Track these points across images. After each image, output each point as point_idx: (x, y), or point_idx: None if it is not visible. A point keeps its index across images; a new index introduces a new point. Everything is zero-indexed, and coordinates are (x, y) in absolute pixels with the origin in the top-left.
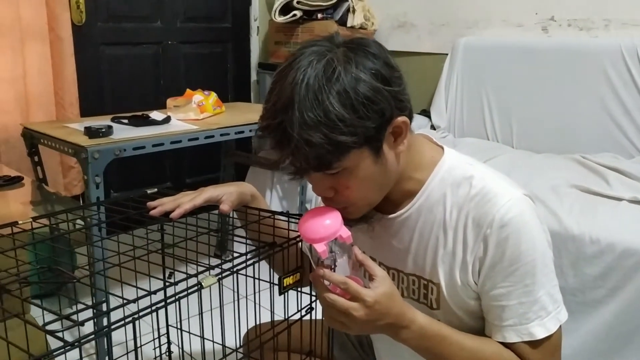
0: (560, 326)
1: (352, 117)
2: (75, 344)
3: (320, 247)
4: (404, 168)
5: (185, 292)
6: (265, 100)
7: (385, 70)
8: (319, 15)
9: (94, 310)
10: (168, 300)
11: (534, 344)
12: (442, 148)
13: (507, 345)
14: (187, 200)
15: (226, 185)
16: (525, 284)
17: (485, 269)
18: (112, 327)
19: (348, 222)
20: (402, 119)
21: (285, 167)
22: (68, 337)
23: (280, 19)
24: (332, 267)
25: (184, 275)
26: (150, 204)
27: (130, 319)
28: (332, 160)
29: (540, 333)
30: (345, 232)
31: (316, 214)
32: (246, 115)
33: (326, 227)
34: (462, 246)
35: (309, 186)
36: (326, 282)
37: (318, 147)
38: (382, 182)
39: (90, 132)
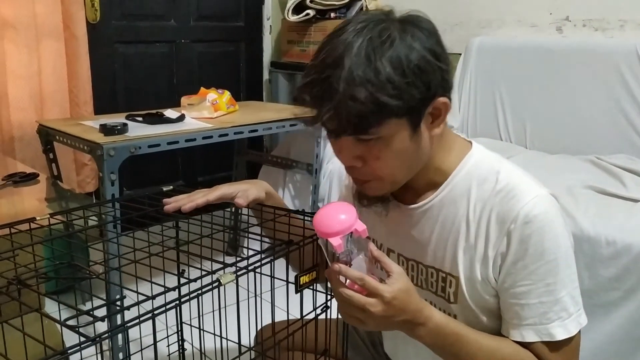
0: (579, 331)
1: (401, 81)
2: (97, 339)
3: (336, 241)
4: (433, 156)
5: (203, 290)
6: (313, 57)
7: (437, 48)
8: (332, 15)
9: (109, 307)
10: (187, 297)
11: (553, 345)
12: (471, 143)
13: (524, 345)
14: (200, 195)
15: (241, 182)
16: (547, 282)
17: (507, 265)
18: (132, 323)
19: (366, 199)
20: (443, 99)
21: (320, 123)
22: (88, 333)
23: (293, 18)
24: (348, 262)
25: (199, 272)
26: (166, 200)
27: (149, 315)
28: (371, 123)
29: (560, 334)
30: (360, 226)
31: (331, 209)
32: (259, 114)
33: (341, 221)
34: (484, 240)
35: (321, 185)
36: (342, 279)
37: (361, 105)
38: (412, 161)
39: (106, 130)
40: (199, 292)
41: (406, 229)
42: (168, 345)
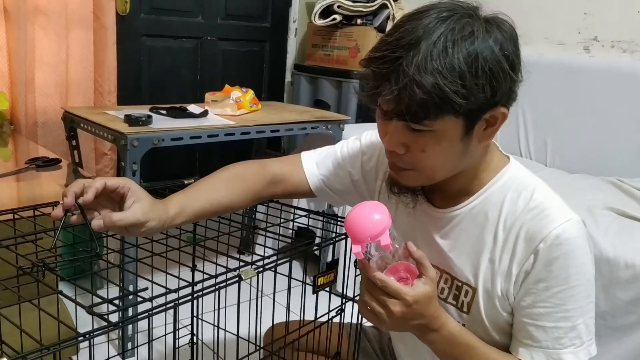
0: None
1: (472, 80)
2: (119, 324)
3: (385, 240)
4: (473, 164)
5: (224, 284)
6: (387, 33)
7: (515, 57)
8: (359, 21)
9: (124, 298)
10: (206, 290)
11: None
12: (508, 157)
13: None
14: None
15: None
16: (566, 308)
17: (528, 284)
18: (156, 310)
19: (397, 187)
20: (503, 109)
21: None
22: (97, 321)
23: (319, 22)
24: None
25: (213, 267)
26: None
27: (171, 304)
28: (429, 114)
29: None
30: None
31: (362, 211)
32: (281, 114)
33: (377, 221)
34: (510, 255)
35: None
36: (373, 264)
37: (426, 93)
38: (455, 162)
39: (131, 120)
40: (218, 286)
41: (430, 231)
42: (178, 338)
